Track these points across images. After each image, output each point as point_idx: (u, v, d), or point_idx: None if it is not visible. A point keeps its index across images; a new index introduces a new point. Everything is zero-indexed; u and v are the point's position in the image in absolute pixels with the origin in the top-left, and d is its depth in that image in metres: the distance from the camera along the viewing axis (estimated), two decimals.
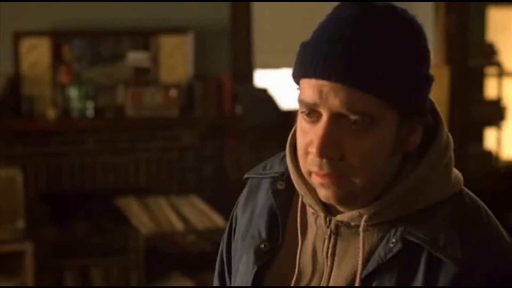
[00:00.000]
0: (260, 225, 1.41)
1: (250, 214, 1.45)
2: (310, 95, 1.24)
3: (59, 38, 5.12)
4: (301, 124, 1.28)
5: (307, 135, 1.26)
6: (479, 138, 6.12)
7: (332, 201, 1.29)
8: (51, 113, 4.98)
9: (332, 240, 1.33)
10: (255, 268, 1.37)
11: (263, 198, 1.44)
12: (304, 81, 1.26)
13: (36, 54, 5.07)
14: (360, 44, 1.22)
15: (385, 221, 1.29)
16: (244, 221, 1.46)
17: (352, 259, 1.30)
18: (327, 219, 1.33)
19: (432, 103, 1.33)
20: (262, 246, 1.38)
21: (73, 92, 5.03)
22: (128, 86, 5.17)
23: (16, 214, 4.62)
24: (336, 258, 1.32)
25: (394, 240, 1.26)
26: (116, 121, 5.16)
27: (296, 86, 1.30)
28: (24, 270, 4.61)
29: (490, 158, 6.06)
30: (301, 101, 1.26)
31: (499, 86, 6.16)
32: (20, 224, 4.64)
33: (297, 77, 1.29)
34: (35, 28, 5.07)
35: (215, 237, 4.40)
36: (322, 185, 1.27)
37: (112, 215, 5.07)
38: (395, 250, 1.26)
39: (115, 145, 5.21)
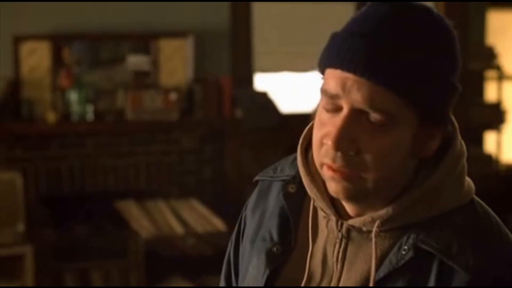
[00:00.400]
0: (272, 228, 1.40)
1: (260, 216, 1.45)
2: (334, 86, 1.23)
3: (59, 41, 5.12)
4: (320, 115, 1.27)
5: (325, 127, 1.25)
6: (479, 142, 6.11)
7: (340, 196, 1.28)
8: (51, 117, 4.98)
9: (342, 245, 1.32)
10: (267, 271, 1.37)
11: (273, 201, 1.43)
12: (329, 71, 1.25)
13: (36, 58, 5.07)
14: (390, 41, 1.21)
15: (397, 227, 1.28)
16: (254, 224, 1.45)
17: (363, 264, 1.30)
18: (339, 223, 1.33)
19: None
20: (275, 249, 1.37)
21: (73, 96, 5.03)
22: (128, 90, 5.17)
23: (16, 217, 4.62)
24: (346, 263, 1.32)
25: (406, 247, 1.26)
26: (116, 124, 5.16)
27: (321, 75, 1.29)
28: (24, 273, 4.61)
29: (490, 161, 6.06)
30: (323, 91, 1.25)
31: (499, 89, 6.16)
32: (20, 227, 4.64)
33: (322, 66, 1.27)
34: (35, 31, 5.08)
35: (215, 241, 4.40)
36: (333, 178, 1.26)
37: (112, 218, 5.07)
38: (407, 257, 1.26)
39: (115, 148, 5.21)
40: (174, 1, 5.27)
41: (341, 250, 1.32)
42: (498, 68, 6.08)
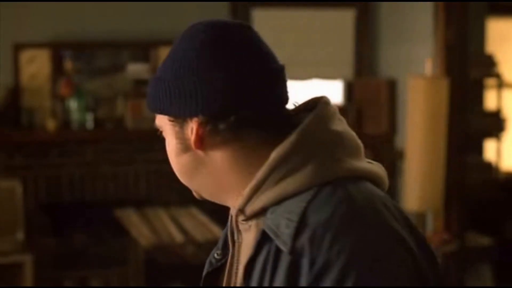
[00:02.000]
0: (222, 234, 1.47)
1: None
2: None
3: (59, 49, 5.13)
4: None
5: None
6: (479, 150, 6.11)
7: None
8: (50, 125, 4.98)
9: (240, 237, 1.38)
10: (204, 274, 1.44)
11: None
12: None
13: (35, 66, 5.07)
14: (159, 70, 1.40)
15: (259, 214, 1.30)
16: None
17: (245, 253, 1.34)
18: (232, 217, 1.40)
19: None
20: (215, 254, 1.44)
21: (72, 104, 5.04)
22: (128, 98, 5.17)
23: (15, 226, 4.62)
24: (241, 253, 1.37)
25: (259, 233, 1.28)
26: (116, 132, 5.17)
27: None
28: (24, 281, 4.61)
29: (489, 169, 6.05)
30: None
31: (499, 97, 6.16)
32: (20, 235, 4.64)
33: None
34: (35, 39, 5.08)
35: None
36: None
37: (112, 226, 5.06)
38: (256, 241, 1.27)
39: (115, 156, 5.22)
40: (173, 9, 5.28)
41: (239, 241, 1.38)
42: (497, 76, 6.07)
